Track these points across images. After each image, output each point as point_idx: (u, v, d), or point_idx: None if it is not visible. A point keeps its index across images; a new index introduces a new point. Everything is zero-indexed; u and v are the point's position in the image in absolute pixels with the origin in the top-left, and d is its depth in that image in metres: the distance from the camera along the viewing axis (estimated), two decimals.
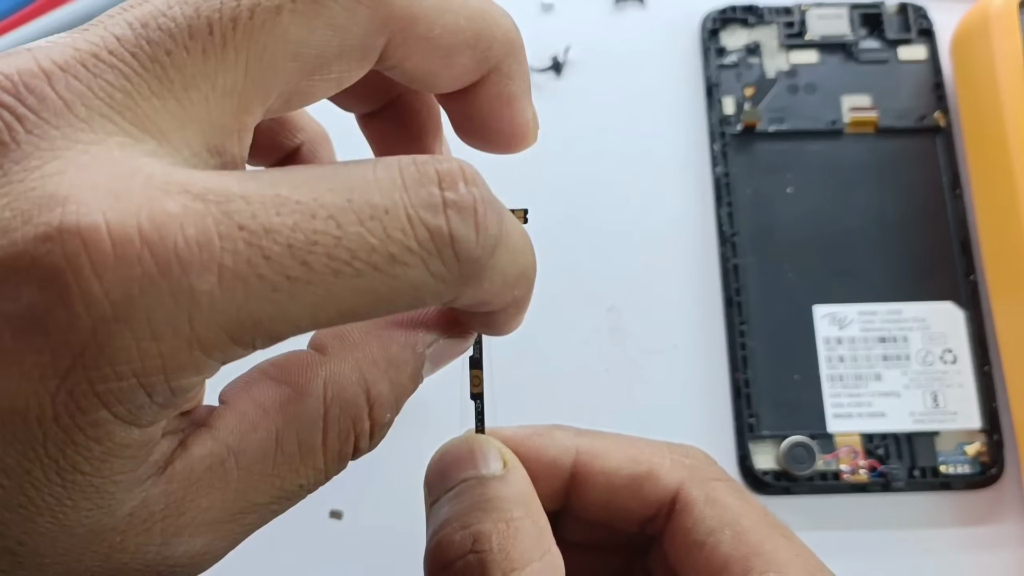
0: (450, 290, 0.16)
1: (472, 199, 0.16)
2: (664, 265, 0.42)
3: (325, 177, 0.15)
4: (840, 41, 0.45)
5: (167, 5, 0.15)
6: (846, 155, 0.43)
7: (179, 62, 0.15)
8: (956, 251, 0.41)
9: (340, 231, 0.15)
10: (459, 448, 0.23)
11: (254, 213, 0.14)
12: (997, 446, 0.38)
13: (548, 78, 0.45)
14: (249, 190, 0.14)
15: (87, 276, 0.13)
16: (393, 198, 0.15)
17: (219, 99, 0.15)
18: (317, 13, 0.15)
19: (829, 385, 0.39)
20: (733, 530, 0.23)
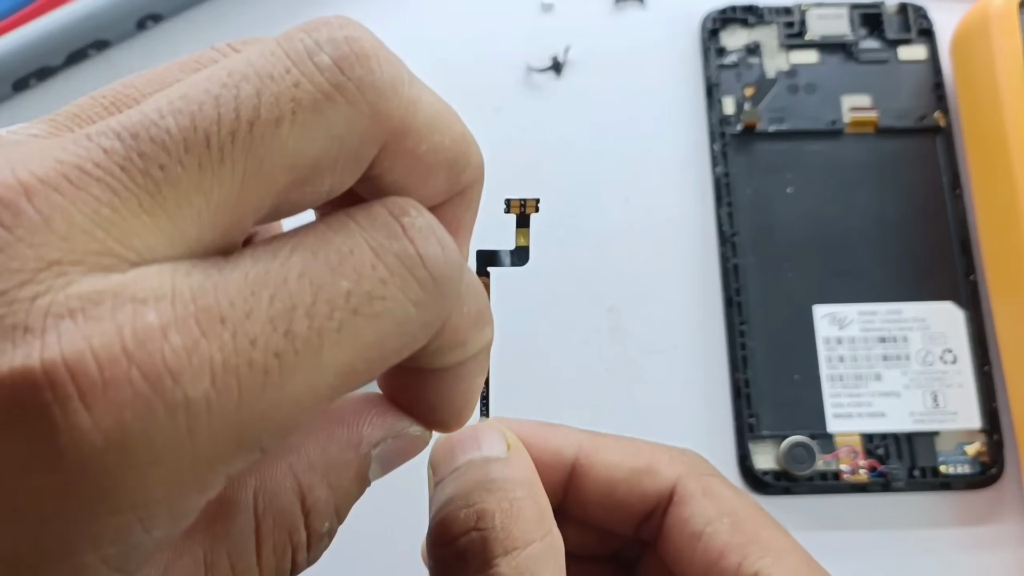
0: (435, 317, 0.16)
1: (427, 221, 0.16)
2: (664, 265, 0.42)
3: (287, 244, 0.15)
4: (840, 41, 0.45)
5: (159, 115, 0.14)
6: (846, 155, 0.43)
7: (173, 178, 0.14)
8: (956, 251, 0.41)
9: (313, 286, 0.14)
10: (464, 430, 0.23)
11: (232, 301, 0.14)
12: (997, 446, 0.38)
13: (548, 78, 0.45)
14: (224, 279, 0.14)
15: (74, 408, 0.12)
16: (354, 239, 0.15)
17: (212, 215, 0.14)
18: (317, 124, 0.15)
19: (829, 385, 0.39)
20: (731, 519, 0.24)
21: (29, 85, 0.44)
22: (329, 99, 0.15)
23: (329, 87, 0.15)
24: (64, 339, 0.12)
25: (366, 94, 0.15)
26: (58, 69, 0.44)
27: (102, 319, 0.12)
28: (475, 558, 0.20)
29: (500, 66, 0.45)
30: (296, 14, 0.46)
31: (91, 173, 0.13)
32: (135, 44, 0.46)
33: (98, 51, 0.45)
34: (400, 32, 0.46)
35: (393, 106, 0.16)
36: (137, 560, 0.14)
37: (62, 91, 0.45)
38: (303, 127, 0.15)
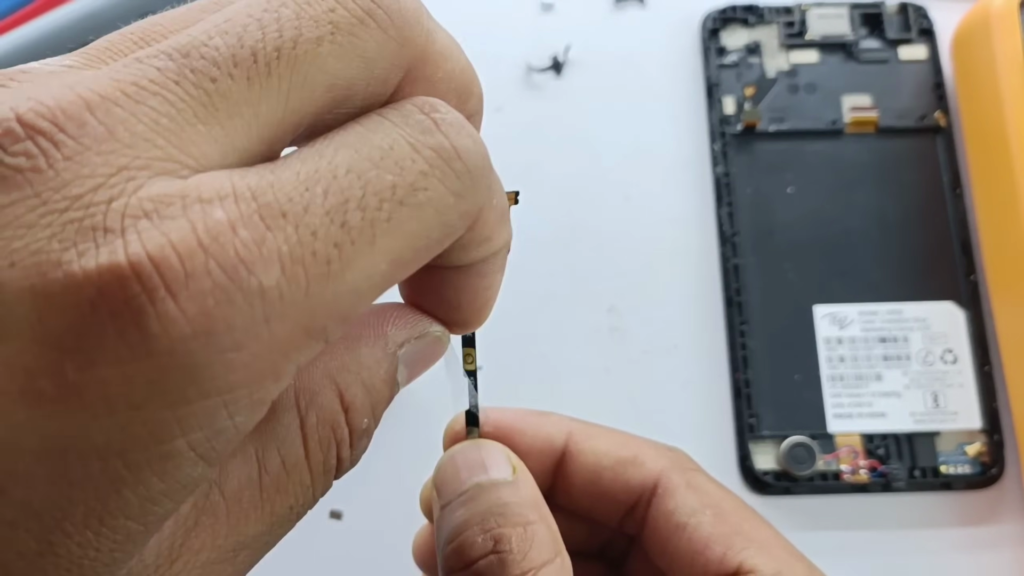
0: (472, 206, 0.17)
1: (456, 117, 0.17)
2: (664, 265, 0.42)
3: (330, 144, 0.16)
4: (840, 41, 0.45)
5: (207, 36, 0.15)
6: (846, 155, 0.43)
7: (224, 89, 0.15)
8: (956, 251, 0.41)
9: (361, 180, 0.15)
10: (469, 453, 0.24)
11: (290, 197, 0.14)
12: (997, 446, 0.38)
13: (548, 78, 0.45)
14: (277, 178, 0.14)
15: (162, 298, 0.13)
16: (392, 136, 0.16)
17: (260, 127, 0.15)
18: (353, 45, 0.16)
19: (829, 385, 0.39)
20: (714, 511, 0.24)
21: None
22: (363, 23, 0.16)
23: (362, 12, 0.16)
24: (145, 236, 0.13)
25: (395, 21, 0.16)
26: None
27: (176, 218, 0.13)
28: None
29: (500, 66, 0.45)
30: None
31: (147, 88, 0.14)
32: None
33: None
34: None
35: (417, 33, 0.17)
36: (220, 447, 0.14)
37: None
38: (340, 48, 0.16)
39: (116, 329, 0.13)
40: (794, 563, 0.24)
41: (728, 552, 0.23)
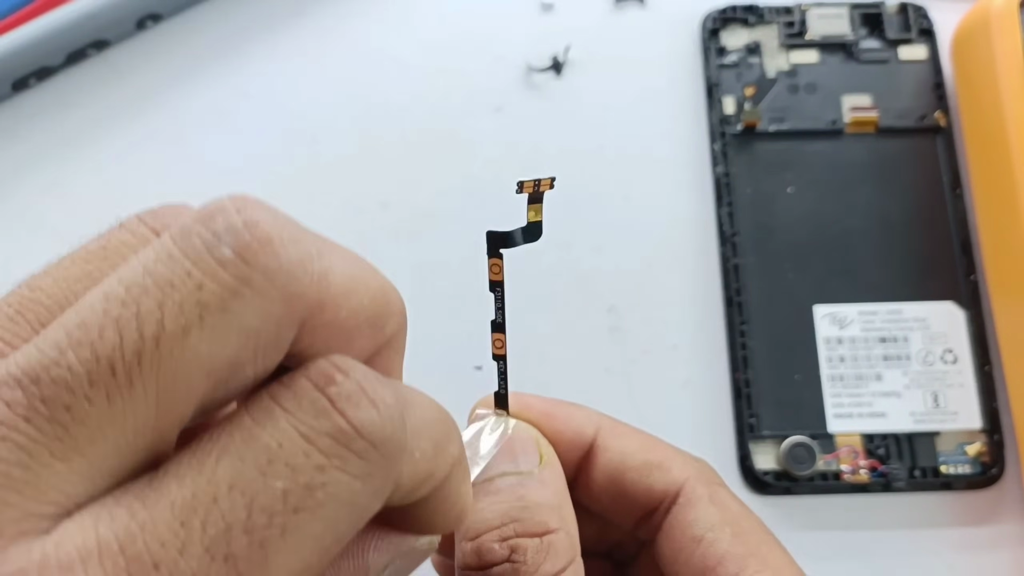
0: (385, 481, 0.15)
1: (354, 384, 0.15)
2: (664, 265, 0.42)
3: (212, 451, 0.14)
4: (840, 41, 0.45)
5: (58, 351, 0.13)
6: (846, 155, 0.43)
7: (81, 416, 0.13)
8: (957, 251, 0.41)
9: (246, 497, 0.14)
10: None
11: (162, 541, 0.13)
12: (998, 446, 0.38)
13: (548, 78, 0.45)
14: (150, 516, 0.13)
15: None
16: (281, 428, 0.14)
17: (131, 441, 0.14)
18: (228, 323, 0.14)
19: (830, 385, 0.39)
20: (733, 529, 0.24)
21: (29, 85, 0.44)
22: (236, 295, 0.14)
23: (235, 282, 0.14)
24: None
25: (275, 280, 0.14)
26: (58, 69, 0.44)
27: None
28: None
29: (500, 66, 0.45)
30: (295, 14, 0.46)
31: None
32: (135, 44, 0.46)
33: (98, 51, 0.45)
34: (401, 33, 0.46)
35: (305, 285, 0.15)
36: None
37: (62, 91, 0.45)
38: (214, 330, 0.14)
39: None
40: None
41: (742, 574, 0.23)
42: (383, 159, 0.44)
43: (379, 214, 0.41)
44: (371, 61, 0.45)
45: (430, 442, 0.17)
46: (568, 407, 0.26)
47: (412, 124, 0.44)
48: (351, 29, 0.46)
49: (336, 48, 0.45)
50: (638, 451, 0.25)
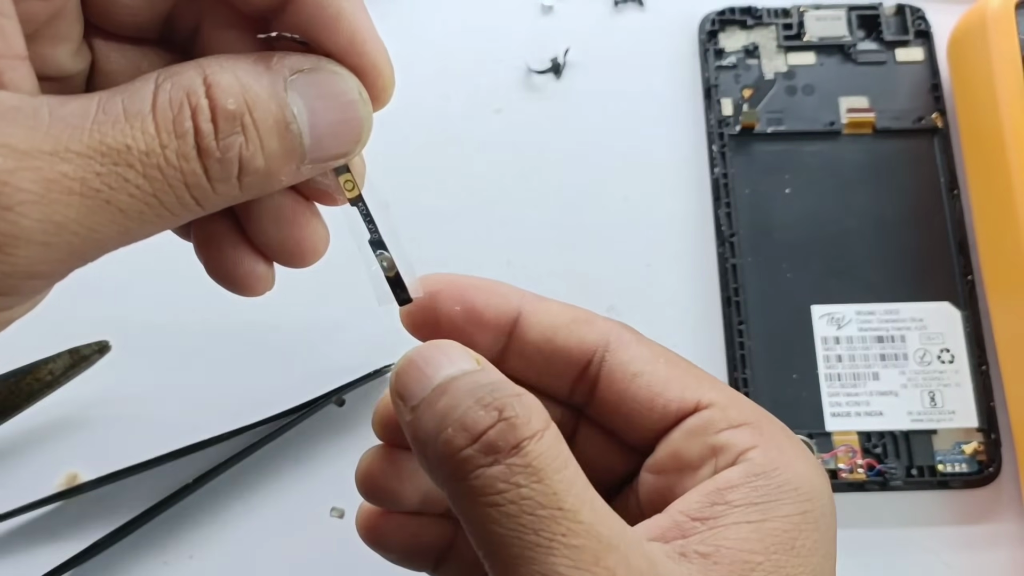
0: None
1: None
2: (663, 265, 0.42)
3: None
4: (838, 43, 0.45)
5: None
6: (844, 156, 0.43)
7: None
8: (953, 251, 0.42)
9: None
10: (427, 352, 0.23)
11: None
12: (994, 445, 0.39)
13: (548, 79, 0.46)
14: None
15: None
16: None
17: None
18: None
19: (827, 384, 0.40)
20: (667, 359, 0.25)
21: None
22: None
23: None
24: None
25: None
26: None
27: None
28: (507, 444, 0.21)
29: (500, 68, 0.46)
30: None
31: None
32: None
33: None
34: (401, 34, 0.46)
35: None
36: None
37: None
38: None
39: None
40: (739, 398, 0.25)
41: (686, 391, 0.24)
42: (384, 160, 0.44)
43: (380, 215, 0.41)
44: None
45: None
46: (491, 284, 0.26)
47: (413, 126, 0.45)
48: None
49: None
50: (562, 312, 0.26)
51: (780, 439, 0.24)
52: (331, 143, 0.20)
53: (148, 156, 0.17)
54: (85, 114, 0.17)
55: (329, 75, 0.20)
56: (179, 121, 0.18)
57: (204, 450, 0.37)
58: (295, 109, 0.19)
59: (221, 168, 0.18)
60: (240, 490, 0.39)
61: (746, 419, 0.24)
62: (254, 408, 0.38)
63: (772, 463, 0.23)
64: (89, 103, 0.17)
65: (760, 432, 0.24)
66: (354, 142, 0.21)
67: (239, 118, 0.18)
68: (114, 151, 0.17)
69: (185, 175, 0.18)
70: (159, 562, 0.38)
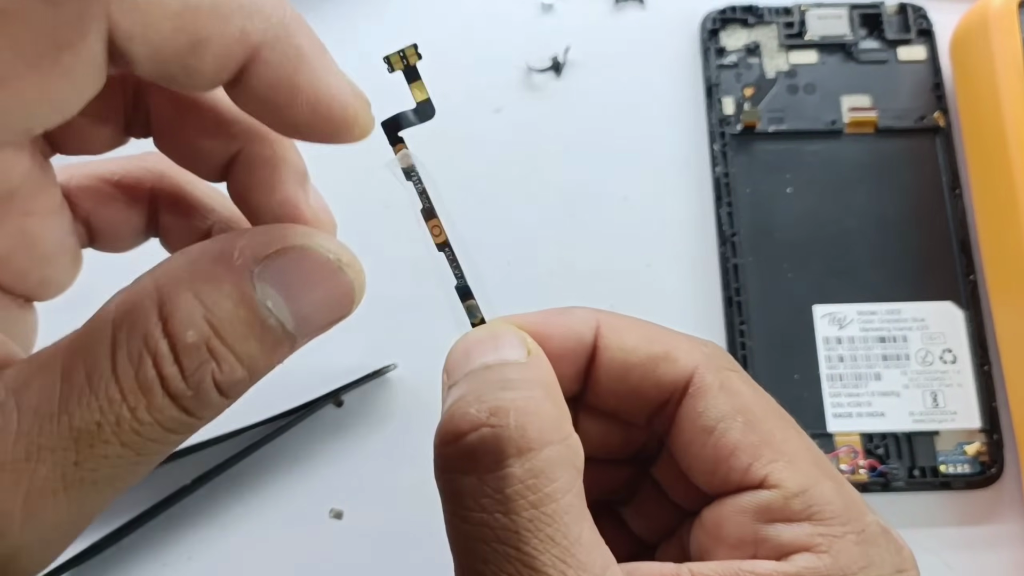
0: (79, 10, 0.15)
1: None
2: (664, 265, 0.42)
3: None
4: (840, 41, 0.45)
5: None
6: (846, 155, 0.43)
7: None
8: (956, 251, 0.41)
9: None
10: (481, 334, 0.22)
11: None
12: (997, 446, 0.39)
13: (548, 78, 0.45)
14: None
15: None
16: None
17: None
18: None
19: (829, 385, 0.39)
20: (745, 417, 0.22)
21: None
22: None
23: None
24: None
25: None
26: None
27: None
28: (486, 456, 0.19)
29: (500, 67, 0.45)
30: None
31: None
32: None
33: None
34: (400, 33, 0.46)
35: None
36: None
37: None
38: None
39: None
40: (822, 479, 0.22)
41: (755, 464, 0.21)
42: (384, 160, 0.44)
43: (381, 214, 0.41)
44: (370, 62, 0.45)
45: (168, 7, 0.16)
46: (560, 314, 0.24)
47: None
48: (351, 30, 0.46)
49: (335, 49, 0.45)
50: (640, 345, 0.23)
51: (851, 554, 0.20)
52: (320, 316, 0.19)
53: (120, 425, 0.16)
54: (51, 395, 0.16)
55: (299, 253, 0.18)
56: (142, 376, 0.16)
57: (203, 451, 0.37)
58: (269, 303, 0.18)
59: (198, 400, 0.17)
60: (239, 491, 0.39)
61: (812, 513, 0.21)
62: (252, 409, 0.38)
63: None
64: (53, 377, 0.16)
65: (825, 531, 0.20)
66: (348, 306, 0.19)
67: (203, 346, 0.17)
68: (87, 434, 0.16)
69: (163, 423, 0.17)
70: (158, 563, 0.38)
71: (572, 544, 0.18)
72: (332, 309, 0.19)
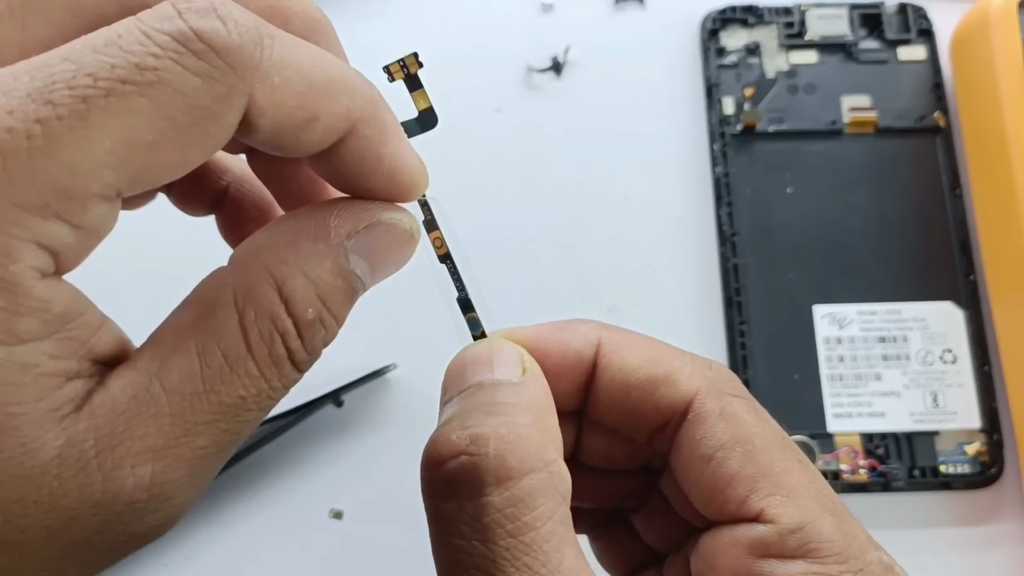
0: (229, 89, 0.16)
1: (207, 3, 0.16)
2: (664, 265, 0.42)
3: (67, 45, 0.16)
4: (840, 41, 0.45)
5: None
6: (846, 155, 0.43)
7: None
8: (956, 251, 0.41)
9: (74, 64, 0.15)
10: (478, 350, 0.22)
11: (5, 91, 0.15)
12: (997, 446, 0.39)
13: (548, 78, 0.45)
14: (4, 75, 0.15)
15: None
16: (126, 26, 0.16)
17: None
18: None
19: (829, 385, 0.39)
20: (744, 448, 0.22)
21: None
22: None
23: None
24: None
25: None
26: None
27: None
28: (464, 485, 0.19)
29: (500, 66, 0.45)
30: None
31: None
32: None
33: None
34: (401, 33, 0.46)
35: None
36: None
37: None
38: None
39: None
40: (822, 514, 0.21)
41: (751, 496, 0.21)
42: None
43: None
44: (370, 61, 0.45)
45: (301, 78, 0.18)
46: (561, 330, 0.24)
47: None
48: (351, 29, 0.46)
49: None
50: (641, 365, 0.23)
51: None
52: (385, 273, 0.21)
53: (259, 395, 0.18)
54: (192, 374, 0.17)
55: (384, 228, 0.20)
56: (275, 353, 0.18)
57: None
58: (358, 271, 0.20)
59: (310, 360, 0.19)
60: (239, 491, 0.39)
61: (809, 551, 0.20)
62: None
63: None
64: (190, 358, 0.17)
65: (820, 570, 0.20)
66: (405, 262, 0.21)
67: (317, 318, 0.19)
68: (233, 407, 0.18)
69: (287, 386, 0.19)
70: (158, 564, 0.38)
71: (551, 572, 0.18)
72: (398, 266, 0.21)
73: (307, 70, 0.18)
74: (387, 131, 0.20)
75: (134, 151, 0.16)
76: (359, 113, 0.19)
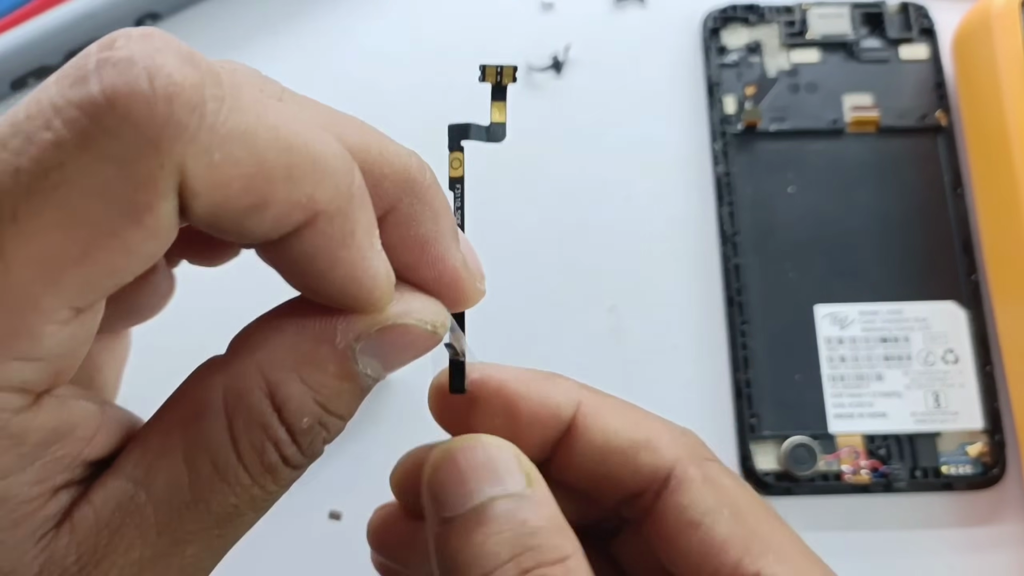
0: (150, 171, 0.13)
1: (130, 52, 0.13)
2: (665, 265, 0.42)
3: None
4: (841, 40, 0.45)
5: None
6: (847, 154, 0.43)
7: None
8: (958, 251, 0.41)
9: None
10: (472, 455, 0.21)
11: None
12: (999, 446, 0.38)
13: (548, 77, 0.45)
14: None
15: None
16: (37, 96, 0.13)
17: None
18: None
19: (830, 385, 0.39)
20: (731, 511, 0.22)
21: (27, 84, 0.44)
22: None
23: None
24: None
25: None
26: (56, 68, 0.44)
27: None
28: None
29: None
30: (295, 13, 0.46)
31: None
32: None
33: None
34: (400, 32, 0.46)
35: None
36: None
37: None
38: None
39: None
40: (811, 569, 0.22)
41: (745, 558, 0.21)
42: None
43: None
44: (370, 61, 0.45)
45: (250, 155, 0.15)
46: (542, 383, 0.24)
47: (411, 124, 0.44)
48: (351, 29, 0.46)
49: (335, 48, 0.45)
50: (623, 429, 0.23)
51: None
52: (403, 365, 0.20)
53: (253, 501, 0.18)
54: (179, 484, 0.16)
55: (400, 330, 0.19)
56: (267, 461, 0.17)
57: None
58: (368, 371, 0.18)
59: (310, 460, 0.19)
60: None
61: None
62: None
63: None
64: (176, 466, 0.16)
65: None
66: (423, 354, 0.20)
67: (316, 423, 0.18)
68: (225, 515, 0.17)
69: (284, 486, 0.18)
70: None
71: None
72: (416, 358, 0.20)
73: (262, 147, 0.15)
74: (354, 232, 0.17)
75: (66, 268, 0.14)
76: (323, 205, 0.16)
